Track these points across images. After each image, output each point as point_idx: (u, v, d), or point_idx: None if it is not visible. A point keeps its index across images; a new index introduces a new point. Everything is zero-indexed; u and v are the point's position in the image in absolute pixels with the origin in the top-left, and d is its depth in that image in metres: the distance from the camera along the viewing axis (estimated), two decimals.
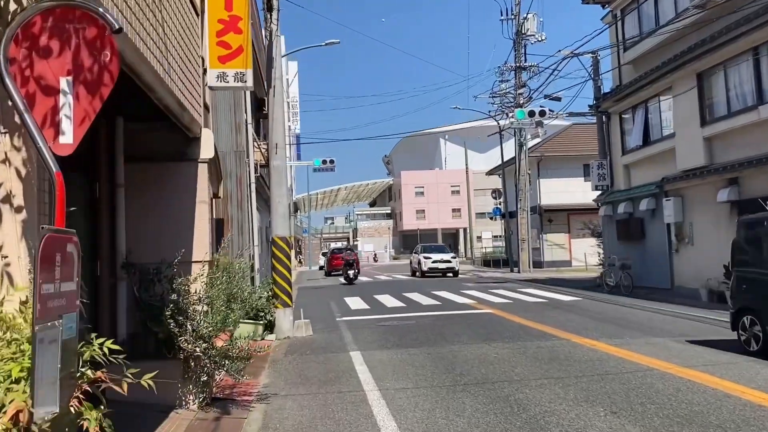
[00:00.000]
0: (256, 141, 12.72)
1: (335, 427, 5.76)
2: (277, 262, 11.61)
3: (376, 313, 15.26)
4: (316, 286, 27.69)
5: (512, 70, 30.18)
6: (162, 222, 6.73)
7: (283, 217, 11.78)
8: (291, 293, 11.75)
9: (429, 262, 29.58)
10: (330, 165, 29.78)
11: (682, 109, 15.95)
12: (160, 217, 6.74)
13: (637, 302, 15.62)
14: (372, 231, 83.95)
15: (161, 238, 6.74)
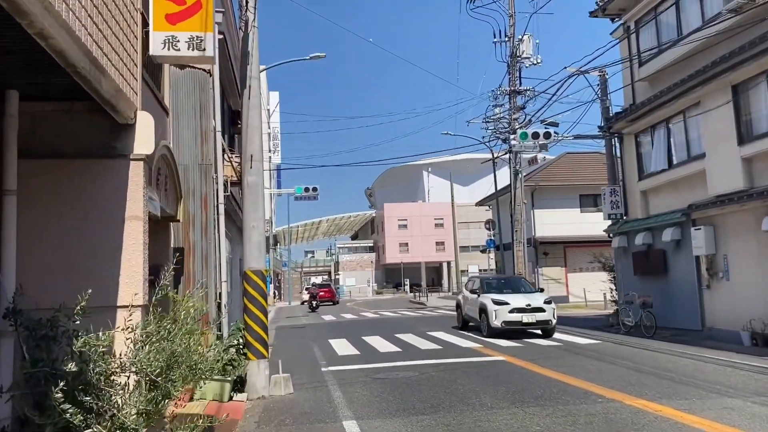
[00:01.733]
0: (226, 152, 10.55)
1: None
2: (249, 302, 9.34)
3: (367, 360, 12.98)
4: (296, 325, 25.25)
5: (507, 94, 28.45)
6: (73, 247, 4.53)
7: (258, 246, 9.55)
8: (267, 341, 9.46)
9: (505, 311, 16.09)
10: (313, 193, 27.63)
11: (715, 126, 14.12)
12: (71, 239, 4.54)
13: (667, 346, 13.52)
14: (354, 264, 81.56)
15: (72, 271, 4.52)
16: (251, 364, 9.32)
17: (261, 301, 9.37)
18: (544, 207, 32.72)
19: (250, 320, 9.35)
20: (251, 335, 9.35)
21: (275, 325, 25.83)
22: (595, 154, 37.53)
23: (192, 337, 4.89)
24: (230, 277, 10.44)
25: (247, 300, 9.39)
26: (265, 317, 9.43)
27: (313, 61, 20.79)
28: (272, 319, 31.63)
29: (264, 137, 42.34)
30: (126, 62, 4.49)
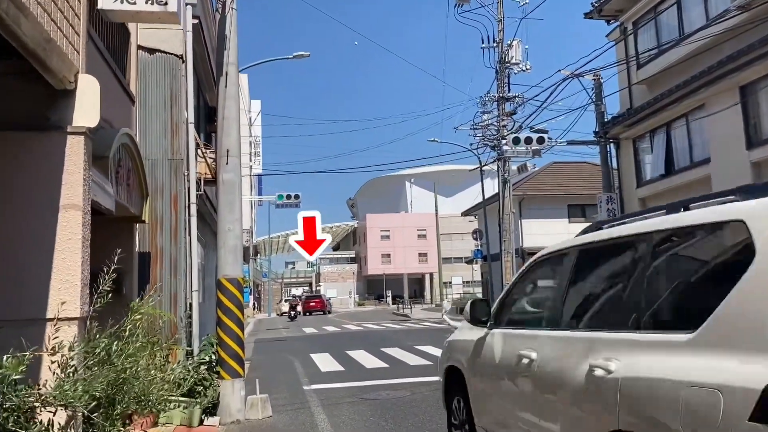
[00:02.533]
0: (200, 147, 9.56)
1: None
2: (224, 315, 8.32)
3: (353, 377, 11.97)
4: (276, 338, 24.15)
5: (495, 100, 27.72)
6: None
7: (234, 251, 8.54)
8: (243, 358, 8.44)
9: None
10: (295, 200, 26.59)
11: (721, 129, 13.40)
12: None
13: None
14: (335, 276, 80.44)
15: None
16: (225, 383, 8.28)
17: (237, 313, 8.35)
18: (531, 217, 32.03)
19: (224, 335, 8.33)
20: (225, 351, 8.32)
21: (254, 338, 24.71)
22: (583, 164, 37.08)
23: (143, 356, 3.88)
24: (203, 287, 9.42)
25: (221, 312, 8.37)
26: (241, 331, 8.41)
27: (297, 66, 19.81)
28: (251, 331, 30.46)
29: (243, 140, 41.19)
30: (62, 8, 3.52)
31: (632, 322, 3.13)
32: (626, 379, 2.92)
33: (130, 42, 8.32)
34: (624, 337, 3.13)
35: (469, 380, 5.04)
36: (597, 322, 3.56)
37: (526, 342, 4.15)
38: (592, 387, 3.19)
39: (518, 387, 4.12)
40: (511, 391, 4.23)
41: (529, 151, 18.76)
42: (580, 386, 3.30)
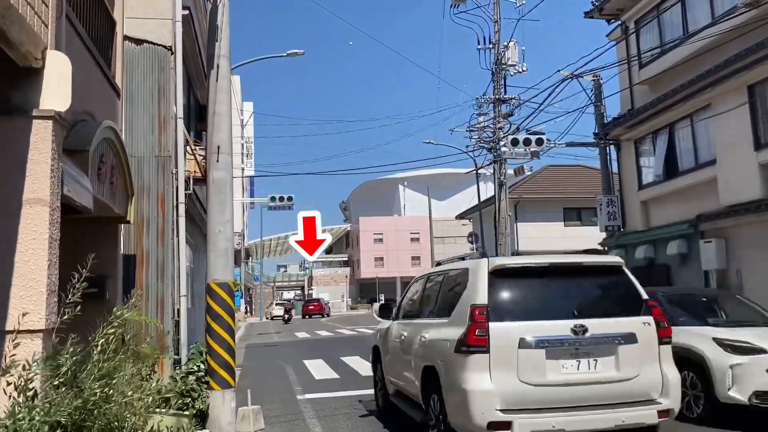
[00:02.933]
0: (189, 144, 9.05)
1: None
2: (213, 321, 7.82)
3: (349, 385, 11.50)
4: (268, 343, 23.61)
5: (491, 102, 27.34)
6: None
7: (224, 254, 8.04)
8: (233, 367, 7.93)
9: None
10: (288, 203, 26.08)
11: (727, 130, 13.03)
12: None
13: None
14: (328, 279, 79.88)
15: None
16: (214, 394, 7.78)
17: (227, 319, 7.85)
18: (527, 220, 31.64)
19: (213, 342, 7.82)
20: (215, 360, 7.82)
21: (245, 343, 24.18)
22: (579, 167, 36.78)
23: (120, 373, 3.39)
24: (191, 291, 8.93)
25: (210, 318, 7.87)
26: (231, 339, 7.92)
27: (290, 66, 19.41)
28: (242, 336, 29.91)
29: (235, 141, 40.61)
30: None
31: (434, 314, 6.66)
32: (429, 341, 6.24)
33: (116, 32, 7.84)
34: (431, 321, 6.57)
35: (382, 352, 8.52)
36: (426, 314, 7.05)
37: (403, 327, 7.55)
38: (421, 346, 6.47)
39: (400, 352, 7.45)
40: (397, 355, 7.61)
41: (528, 152, 18.35)
42: (417, 347, 6.60)
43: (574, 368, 5.36)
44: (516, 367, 5.24)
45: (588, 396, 5.34)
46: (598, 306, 5.81)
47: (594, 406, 5.32)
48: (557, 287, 5.86)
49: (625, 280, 5.92)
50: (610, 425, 5.26)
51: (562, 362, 5.35)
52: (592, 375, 5.37)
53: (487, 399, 5.17)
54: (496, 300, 5.51)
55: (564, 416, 5.20)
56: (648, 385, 5.47)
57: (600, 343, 5.40)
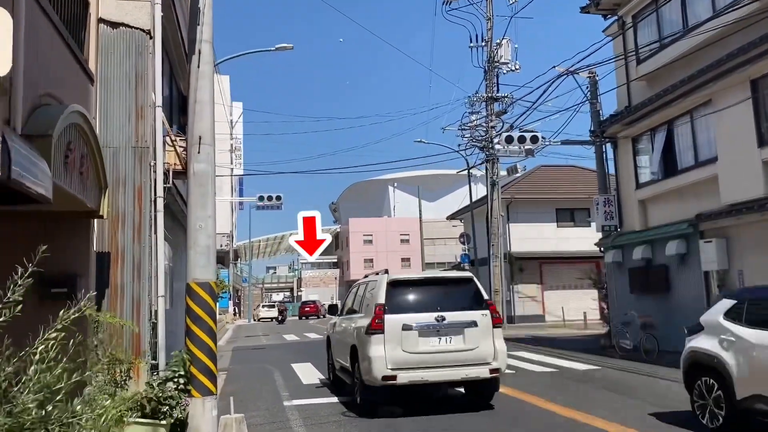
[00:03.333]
0: (169, 134, 8.50)
1: None
2: (193, 323, 7.30)
3: (339, 391, 10.97)
4: (256, 346, 23.03)
5: (484, 100, 26.95)
6: None
7: (206, 251, 7.54)
8: (215, 373, 7.41)
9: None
10: (276, 202, 25.54)
11: (730, 127, 12.65)
12: None
13: (679, 374, 11.84)
14: (317, 280, 79.26)
15: None
16: (194, 402, 7.25)
17: (208, 322, 7.34)
18: (519, 221, 31.22)
19: (193, 346, 7.30)
20: (195, 366, 7.29)
21: (232, 346, 23.61)
22: (571, 168, 36.43)
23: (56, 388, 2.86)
24: (171, 292, 8.39)
25: (190, 320, 7.35)
26: (213, 343, 7.40)
27: (280, 63, 18.84)
28: (229, 338, 29.32)
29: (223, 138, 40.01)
30: None
31: (355, 310, 9.79)
32: (354, 328, 9.19)
33: (89, 12, 7.30)
34: (355, 316, 9.54)
35: (331, 341, 11.47)
36: (357, 311, 9.61)
37: (342, 321, 10.47)
38: (350, 333, 9.38)
39: (340, 338, 10.34)
40: (339, 341, 10.48)
41: (522, 150, 17.94)
42: (351, 333, 9.33)
43: (437, 342, 8.45)
44: (400, 342, 8.31)
45: (445, 360, 8.43)
46: (454, 303, 8.71)
47: (449, 366, 8.44)
48: (429, 292, 8.97)
49: (473, 287, 9.02)
50: (459, 377, 8.58)
51: (429, 339, 8.44)
52: (448, 347, 8.45)
53: (382, 362, 8.22)
54: (390, 300, 8.54)
55: (429, 372, 8.37)
56: (484, 353, 8.53)
57: (453, 327, 8.47)
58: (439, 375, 8.41)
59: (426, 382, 8.40)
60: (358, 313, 9.55)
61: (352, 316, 9.84)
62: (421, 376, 8.30)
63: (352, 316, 9.95)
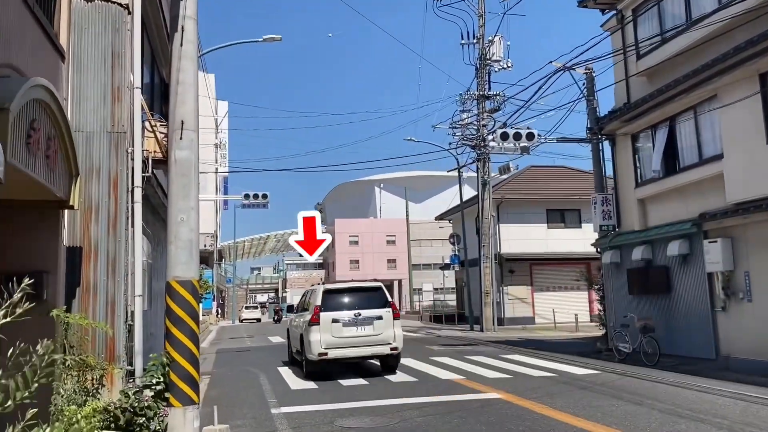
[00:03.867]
0: (148, 119, 7.82)
1: None
2: (174, 325, 6.66)
3: (329, 397, 10.37)
4: (240, 348, 22.31)
5: (475, 98, 26.45)
6: None
7: (188, 247, 6.90)
8: (197, 380, 6.76)
9: None
10: (262, 200, 24.84)
11: (736, 122, 12.19)
12: None
13: (684, 379, 11.37)
14: (302, 281, 78.46)
15: None
16: (174, 412, 6.60)
17: (190, 324, 6.69)
18: (510, 222, 30.73)
19: (174, 351, 6.65)
20: (175, 372, 6.64)
21: (216, 348, 22.88)
22: (562, 169, 36.07)
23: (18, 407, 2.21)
24: (150, 291, 7.71)
25: (170, 322, 6.70)
26: (195, 347, 6.76)
27: (267, 58, 18.16)
28: (213, 339, 28.55)
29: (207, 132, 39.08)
30: None
31: (306, 309, 13.64)
32: (301, 321, 13.46)
33: None
34: (305, 313, 13.53)
35: (289, 332, 15.68)
36: (306, 309, 13.53)
37: (297, 317, 14.44)
38: (299, 325, 13.68)
39: (294, 330, 14.69)
40: (293, 332, 14.85)
41: (518, 147, 17.41)
42: (300, 326, 13.56)
43: (355, 331, 12.38)
44: (330, 330, 12.21)
45: (361, 342, 12.38)
46: (367, 304, 12.61)
47: (363, 346, 12.41)
48: (350, 297, 12.84)
49: (381, 293, 13.07)
50: (369, 353, 12.60)
51: (350, 328, 12.35)
52: (362, 333, 12.41)
53: (318, 344, 12.15)
54: (324, 303, 12.44)
55: (350, 350, 12.35)
56: (387, 337, 12.50)
57: (366, 320, 12.41)
58: (356, 352, 12.61)
59: (347, 357, 12.61)
60: (306, 311, 13.58)
61: (302, 314, 13.86)
62: (344, 353, 12.50)
63: (302, 313, 14.00)
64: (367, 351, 12.56)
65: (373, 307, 12.59)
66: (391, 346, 12.56)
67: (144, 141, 7.39)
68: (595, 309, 31.35)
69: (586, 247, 30.69)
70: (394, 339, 12.60)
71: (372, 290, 13.30)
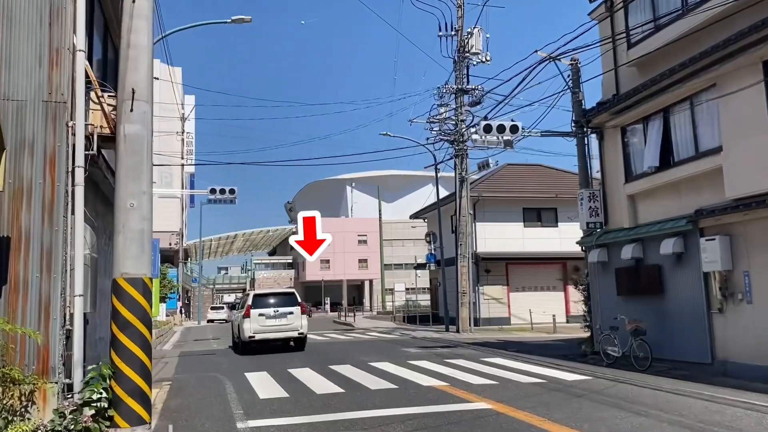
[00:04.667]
0: (95, 88, 6.70)
1: None
2: (121, 331, 5.61)
3: (302, 408, 9.35)
4: (205, 351, 21.09)
5: (453, 92, 25.62)
6: None
7: (139, 238, 5.84)
8: (149, 395, 5.72)
9: None
10: (230, 195, 23.61)
11: (737, 113, 11.50)
12: None
13: (684, 386, 10.61)
14: (271, 282, 76.94)
15: None
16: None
17: (140, 329, 5.64)
18: (486, 220, 30.04)
19: (120, 361, 5.60)
20: (122, 386, 5.59)
21: (179, 350, 21.64)
22: (537, 167, 35.56)
23: None
24: (94, 290, 6.60)
25: (117, 327, 5.65)
26: (147, 357, 5.71)
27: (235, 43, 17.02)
28: (177, 341, 27.25)
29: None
30: None
31: (240, 307, 21.10)
32: (239, 315, 19.95)
33: None
34: (240, 310, 20.43)
35: (232, 324, 22.58)
36: (241, 307, 20.76)
37: (237, 312, 21.93)
38: (238, 318, 20.05)
39: (234, 322, 21.55)
40: (235, 324, 21.22)
41: (501, 141, 16.56)
42: (238, 318, 20.27)
43: (275, 321, 18.27)
44: (257, 321, 18.18)
45: (278, 329, 18.34)
46: (284, 304, 18.56)
47: (280, 331, 18.43)
48: (272, 298, 18.92)
49: (294, 296, 19.17)
50: (284, 336, 18.67)
51: (271, 319, 18.25)
52: (279, 323, 18.38)
53: (249, 330, 18.13)
54: (254, 302, 18.59)
55: (271, 334, 18.28)
56: (297, 326, 18.57)
57: (282, 314, 18.36)
58: (275, 335, 18.35)
59: (269, 338, 18.38)
60: (242, 308, 19.35)
61: (240, 310, 19.78)
62: (266, 336, 18.24)
63: (240, 310, 19.89)
64: (283, 335, 18.63)
65: (287, 306, 18.59)
66: (299, 332, 18.75)
67: (89, 114, 6.32)
68: (571, 309, 30.84)
69: (563, 247, 30.26)
70: (302, 327, 18.79)
71: (287, 294, 19.57)
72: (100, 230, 7.84)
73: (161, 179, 49.63)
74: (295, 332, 18.59)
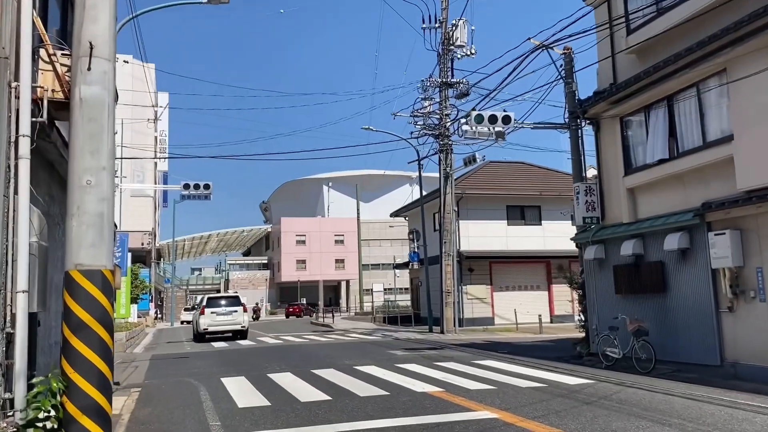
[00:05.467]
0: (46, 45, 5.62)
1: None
2: (74, 334, 4.63)
3: (286, 418, 8.40)
4: (178, 354, 19.95)
5: (437, 86, 24.81)
6: None
7: (97, 223, 4.85)
8: (108, 411, 4.72)
9: None
10: (204, 191, 22.50)
11: (750, 100, 10.82)
12: None
13: (697, 390, 9.89)
14: (246, 282, 75.47)
15: None
16: None
17: (99, 332, 4.66)
18: (469, 218, 29.29)
19: (73, 371, 4.61)
20: (75, 402, 4.60)
21: (151, 353, 20.46)
22: (520, 164, 34.99)
23: None
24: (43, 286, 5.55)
25: (69, 329, 4.66)
26: (106, 365, 4.72)
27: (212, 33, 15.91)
28: (149, 343, 26.03)
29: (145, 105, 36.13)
30: None
31: (198, 308, 30.02)
32: (197, 313, 27.68)
33: None
34: (197, 310, 28.78)
35: (192, 320, 30.64)
36: (198, 307, 29.24)
37: (195, 311, 30.73)
38: (196, 315, 27.59)
39: (193, 318, 29.28)
40: (193, 319, 29.38)
41: (492, 132, 15.78)
42: (196, 315, 27.58)
43: (224, 317, 26.21)
44: (210, 317, 26.05)
45: (226, 323, 26.25)
46: (231, 304, 26.71)
47: (228, 325, 26.33)
48: (222, 300, 27.38)
49: (238, 298, 27.66)
50: (231, 329, 26.36)
51: (221, 316, 26.19)
52: (227, 319, 26.27)
53: (204, 324, 25.93)
54: (208, 303, 26.61)
55: (220, 327, 26.20)
56: (240, 321, 26.42)
57: (229, 312, 26.34)
58: (223, 328, 25.88)
59: (219, 330, 25.98)
60: (199, 308, 26.90)
61: (198, 309, 26.92)
62: (217, 329, 25.77)
63: (198, 309, 26.95)
64: (230, 328, 26.03)
65: (233, 305, 26.34)
66: (242, 326, 26.09)
67: (38, 75, 5.31)
68: (555, 309, 30.26)
69: (547, 245, 29.69)
70: (244, 322, 26.22)
71: (233, 297, 27.66)
72: (56, 217, 6.81)
73: (133, 177, 48.07)
74: (238, 326, 26.13)
